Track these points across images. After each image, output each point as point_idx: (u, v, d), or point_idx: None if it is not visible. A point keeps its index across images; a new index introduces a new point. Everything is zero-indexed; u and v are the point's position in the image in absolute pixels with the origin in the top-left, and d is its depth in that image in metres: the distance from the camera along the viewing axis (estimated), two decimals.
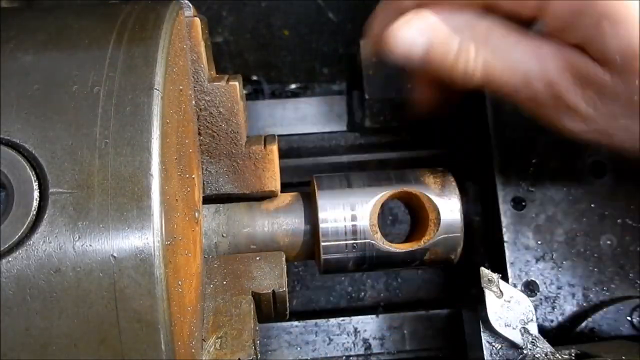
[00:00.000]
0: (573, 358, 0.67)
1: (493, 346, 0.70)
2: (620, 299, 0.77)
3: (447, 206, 0.66)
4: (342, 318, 0.90)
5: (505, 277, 0.79)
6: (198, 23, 0.60)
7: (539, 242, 0.80)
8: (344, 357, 0.90)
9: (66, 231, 0.44)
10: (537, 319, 0.70)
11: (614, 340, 0.74)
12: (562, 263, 0.80)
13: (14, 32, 0.52)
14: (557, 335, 0.78)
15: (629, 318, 0.75)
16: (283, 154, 0.95)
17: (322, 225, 0.65)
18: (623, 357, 0.65)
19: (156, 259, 0.44)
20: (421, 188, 0.66)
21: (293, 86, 1.06)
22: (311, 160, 0.94)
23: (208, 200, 0.67)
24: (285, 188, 0.70)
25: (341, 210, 0.65)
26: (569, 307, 0.79)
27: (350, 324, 0.90)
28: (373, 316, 0.91)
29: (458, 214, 0.66)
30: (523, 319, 0.68)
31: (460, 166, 0.84)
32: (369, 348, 0.90)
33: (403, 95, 0.89)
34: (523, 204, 0.79)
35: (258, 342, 0.62)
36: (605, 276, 0.80)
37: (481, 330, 0.70)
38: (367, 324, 0.90)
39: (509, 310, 0.68)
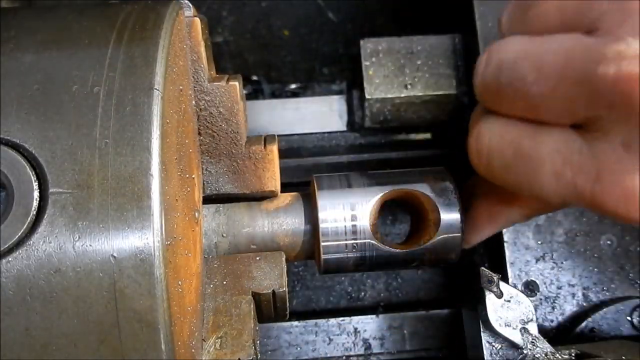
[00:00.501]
0: (573, 358, 0.67)
1: (493, 346, 0.70)
2: (620, 299, 0.77)
3: (447, 206, 0.66)
4: (342, 318, 0.90)
5: (505, 277, 0.79)
6: (198, 23, 0.60)
7: (539, 242, 0.80)
8: (344, 357, 0.90)
9: (66, 231, 0.44)
10: (537, 319, 0.70)
11: (614, 340, 0.74)
12: (562, 263, 0.80)
13: (14, 32, 0.52)
14: (557, 335, 0.78)
15: (629, 318, 0.75)
16: (283, 154, 0.95)
17: (322, 225, 0.65)
18: (623, 357, 0.65)
19: (156, 259, 0.44)
20: (421, 188, 0.66)
21: (293, 86, 1.06)
22: (311, 160, 0.94)
23: (208, 200, 0.67)
24: (285, 188, 0.70)
25: (341, 210, 0.65)
26: (569, 307, 0.79)
27: (350, 324, 0.90)
28: (373, 316, 0.90)
29: (458, 214, 0.66)
30: (523, 319, 0.68)
31: (460, 166, 0.84)
32: (369, 348, 0.90)
33: (403, 95, 0.89)
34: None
35: (258, 342, 0.62)
36: (605, 276, 0.80)
37: (481, 330, 0.70)
38: (367, 324, 0.90)
39: (509, 310, 0.68)
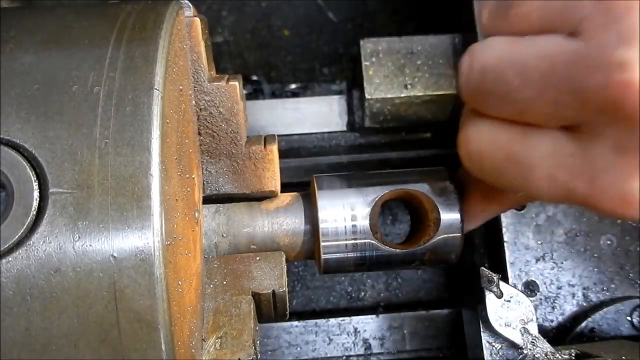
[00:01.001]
0: (573, 358, 0.67)
1: (493, 346, 0.70)
2: (620, 299, 0.77)
3: (447, 206, 0.66)
4: (342, 318, 0.90)
5: (505, 277, 0.79)
6: (198, 23, 0.60)
7: (539, 242, 0.80)
8: (344, 357, 0.90)
9: (66, 231, 0.44)
10: (537, 319, 0.70)
11: (614, 340, 0.74)
12: (562, 263, 0.80)
13: (14, 32, 0.52)
14: (557, 335, 0.78)
15: (629, 318, 0.75)
16: (283, 154, 0.95)
17: (322, 225, 0.65)
18: (623, 357, 0.65)
19: (156, 259, 0.44)
20: (421, 188, 0.66)
21: (293, 86, 1.06)
22: (311, 160, 0.94)
23: (208, 200, 0.67)
24: (285, 188, 0.70)
25: (341, 210, 0.65)
26: (569, 307, 0.79)
27: (350, 324, 0.90)
28: (373, 316, 0.91)
29: (458, 214, 0.66)
30: (523, 319, 0.68)
31: (460, 166, 0.84)
32: (369, 348, 0.90)
33: (403, 95, 0.89)
34: (523, 204, 0.79)
35: (258, 342, 0.62)
36: (605, 276, 0.80)
37: (481, 330, 0.70)
38: (367, 324, 0.90)
39: (509, 310, 0.68)
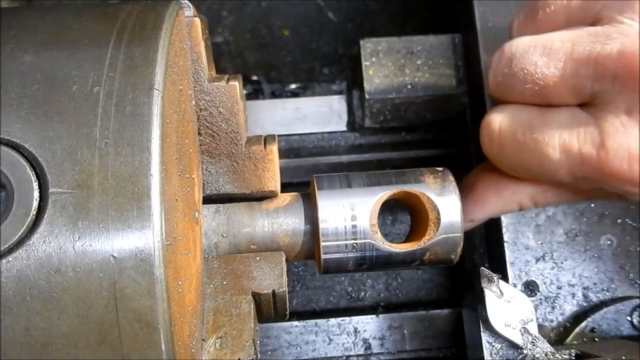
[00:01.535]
0: (573, 358, 0.67)
1: (493, 346, 0.70)
2: (620, 299, 0.77)
3: (447, 206, 0.66)
4: (342, 318, 0.90)
5: (505, 277, 0.79)
6: (198, 23, 0.60)
7: (539, 242, 0.80)
8: (344, 357, 0.90)
9: (66, 231, 0.44)
10: (537, 319, 0.70)
11: (614, 340, 0.74)
12: (562, 263, 0.80)
13: (14, 32, 0.52)
14: (557, 335, 0.78)
15: (629, 318, 0.75)
16: (283, 154, 0.95)
17: (322, 225, 0.65)
18: (623, 357, 0.65)
19: (156, 259, 0.44)
20: (421, 188, 0.66)
21: (293, 86, 1.06)
22: (311, 160, 0.94)
23: (208, 200, 0.67)
24: (285, 188, 0.70)
25: (341, 210, 0.65)
26: (569, 307, 0.79)
27: (350, 324, 0.90)
28: (373, 316, 0.91)
29: (458, 214, 0.66)
30: (523, 319, 0.68)
31: (460, 166, 0.84)
32: (369, 348, 0.90)
33: (403, 95, 0.89)
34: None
35: (258, 342, 0.62)
36: (605, 276, 0.80)
37: (481, 330, 0.70)
38: (367, 324, 0.90)
39: (509, 310, 0.68)
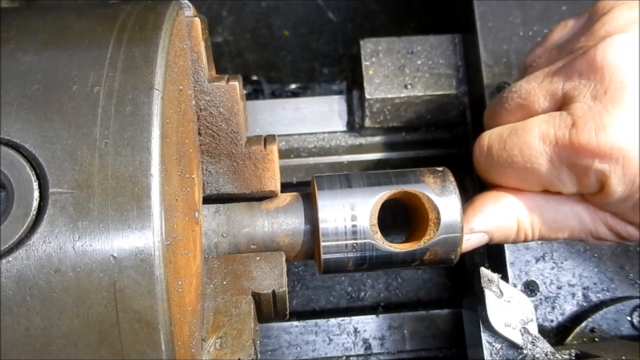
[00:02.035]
0: (573, 358, 0.67)
1: (493, 346, 0.70)
2: (620, 299, 0.77)
3: (447, 206, 0.66)
4: (342, 318, 0.90)
5: (505, 277, 0.79)
6: (198, 23, 0.60)
7: (539, 242, 0.80)
8: (344, 357, 0.90)
9: (66, 231, 0.44)
10: (537, 319, 0.70)
11: (614, 340, 0.74)
12: (562, 263, 0.80)
13: (14, 32, 0.52)
14: (557, 335, 0.78)
15: (629, 318, 0.75)
16: (283, 154, 0.95)
17: (322, 225, 0.65)
18: (623, 357, 0.65)
19: (156, 259, 0.44)
20: (421, 188, 0.66)
21: (293, 86, 1.06)
22: (311, 160, 0.94)
23: (208, 200, 0.67)
24: (285, 188, 0.70)
25: (341, 210, 0.65)
26: (569, 307, 0.79)
27: (350, 324, 0.90)
28: (373, 316, 0.91)
29: (458, 214, 0.66)
30: (523, 319, 0.68)
31: (460, 166, 0.84)
32: (369, 348, 0.90)
33: (403, 95, 0.89)
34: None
35: (258, 342, 0.62)
36: (605, 276, 0.80)
37: (481, 330, 0.70)
38: (367, 324, 0.90)
39: (509, 310, 0.68)
